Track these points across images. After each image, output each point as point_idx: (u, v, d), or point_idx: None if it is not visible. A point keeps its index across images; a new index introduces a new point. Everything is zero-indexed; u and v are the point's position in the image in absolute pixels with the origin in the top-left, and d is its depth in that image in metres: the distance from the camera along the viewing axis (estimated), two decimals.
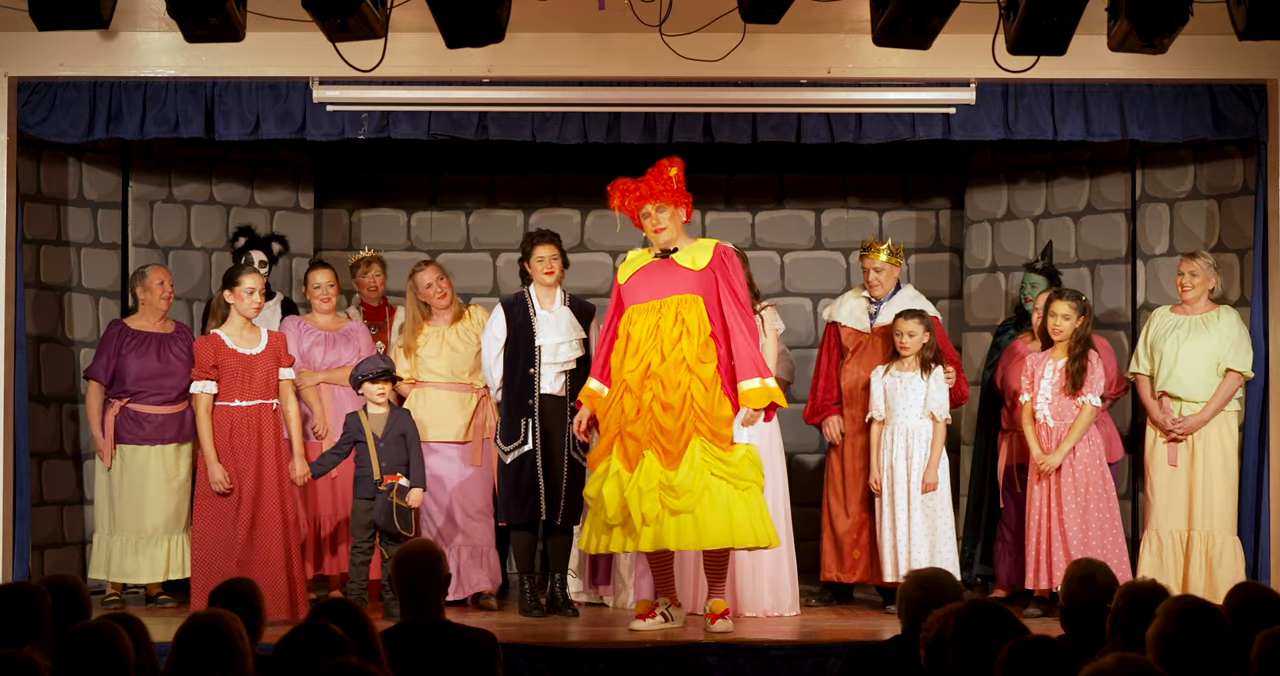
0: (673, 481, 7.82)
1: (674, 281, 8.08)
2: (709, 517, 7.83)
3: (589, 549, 8.13)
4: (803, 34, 8.52)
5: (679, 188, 8.15)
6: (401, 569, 5.34)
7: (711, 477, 7.86)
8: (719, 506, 7.84)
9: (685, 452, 7.87)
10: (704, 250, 8.15)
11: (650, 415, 7.91)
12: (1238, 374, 8.86)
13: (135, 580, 9.04)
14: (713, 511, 7.83)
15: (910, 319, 8.84)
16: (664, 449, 7.89)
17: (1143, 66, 8.38)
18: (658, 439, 7.90)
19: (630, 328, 8.08)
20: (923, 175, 11.00)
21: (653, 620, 8.08)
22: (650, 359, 7.97)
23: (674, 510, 7.82)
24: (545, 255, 8.73)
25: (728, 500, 7.87)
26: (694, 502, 7.82)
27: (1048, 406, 8.66)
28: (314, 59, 8.10)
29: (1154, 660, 4.13)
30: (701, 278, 8.07)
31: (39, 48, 8.47)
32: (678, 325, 8.00)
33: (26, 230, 9.08)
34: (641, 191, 8.14)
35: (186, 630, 4.35)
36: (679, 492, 7.81)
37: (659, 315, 8.04)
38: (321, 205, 10.89)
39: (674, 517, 7.83)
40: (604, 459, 8.03)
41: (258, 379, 8.38)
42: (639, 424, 7.92)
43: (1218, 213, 9.54)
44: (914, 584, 5.16)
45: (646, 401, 7.93)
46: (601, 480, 7.99)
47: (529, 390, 8.64)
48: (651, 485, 7.83)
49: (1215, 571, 8.75)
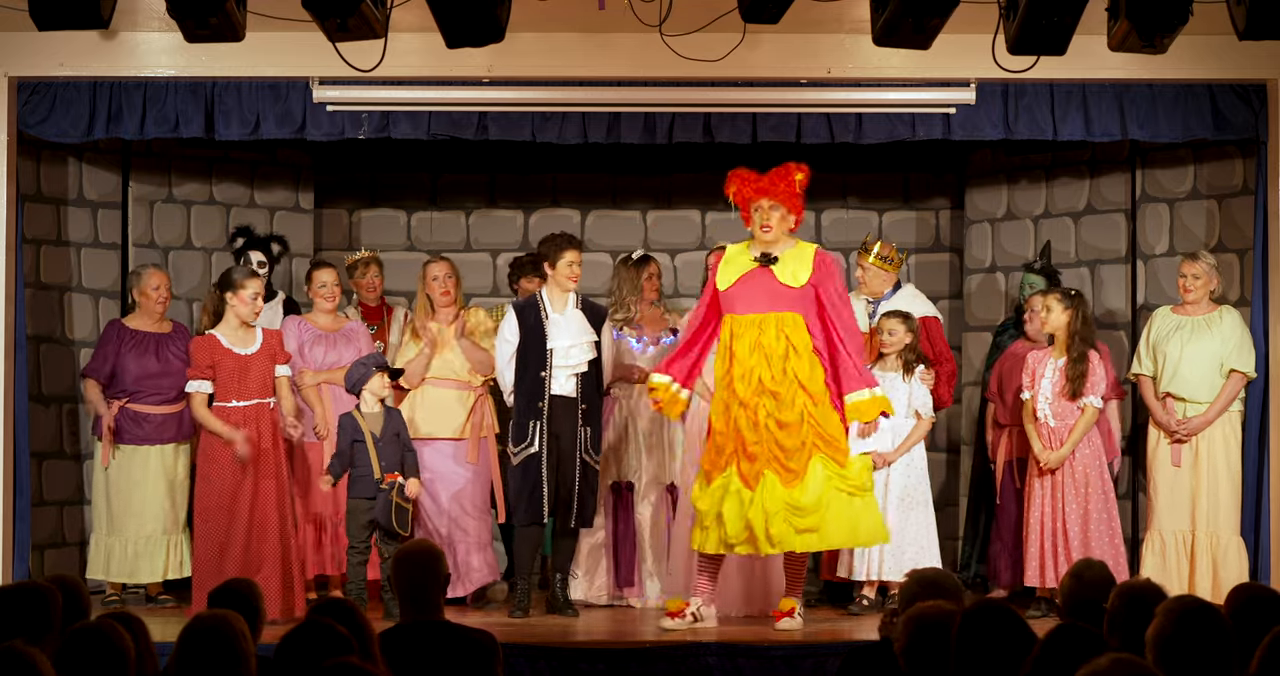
0: (799, 501, 7.89)
1: (775, 297, 8.07)
2: (833, 527, 7.95)
3: (704, 549, 8.11)
4: (803, 34, 8.52)
5: (798, 193, 8.12)
6: (401, 568, 5.35)
7: (834, 491, 7.94)
8: (842, 516, 7.95)
9: (807, 471, 7.92)
10: (804, 261, 8.12)
11: (768, 433, 7.95)
12: (1241, 374, 8.86)
13: (133, 580, 9.04)
14: (835, 521, 7.94)
15: (892, 319, 8.91)
16: (784, 467, 7.93)
17: (1143, 66, 8.38)
18: (777, 457, 7.94)
19: (735, 341, 8.06)
20: (923, 175, 11.00)
21: (681, 619, 8.11)
22: (761, 374, 7.99)
23: (800, 529, 7.92)
24: (574, 260, 8.73)
25: (848, 507, 7.96)
26: (818, 521, 7.91)
27: (1048, 406, 8.67)
28: (314, 59, 8.10)
29: (1153, 660, 4.13)
30: (802, 295, 8.07)
31: (39, 48, 8.47)
32: (782, 341, 8.01)
33: (26, 230, 9.07)
34: (762, 185, 8.12)
35: (190, 631, 4.35)
36: (805, 512, 7.89)
37: (760, 330, 8.05)
38: (321, 205, 10.88)
39: (799, 535, 7.94)
40: (722, 473, 8.03)
41: (254, 379, 8.39)
42: (758, 443, 7.95)
43: (1218, 213, 9.54)
44: (915, 583, 5.16)
45: (762, 418, 7.96)
46: (721, 495, 8.00)
47: (539, 392, 8.64)
48: (778, 507, 7.88)
49: (1220, 572, 8.75)
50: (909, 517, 8.83)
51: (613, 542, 9.04)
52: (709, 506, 8.02)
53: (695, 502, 8.12)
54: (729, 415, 8.02)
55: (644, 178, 10.97)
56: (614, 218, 11.04)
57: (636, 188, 11.03)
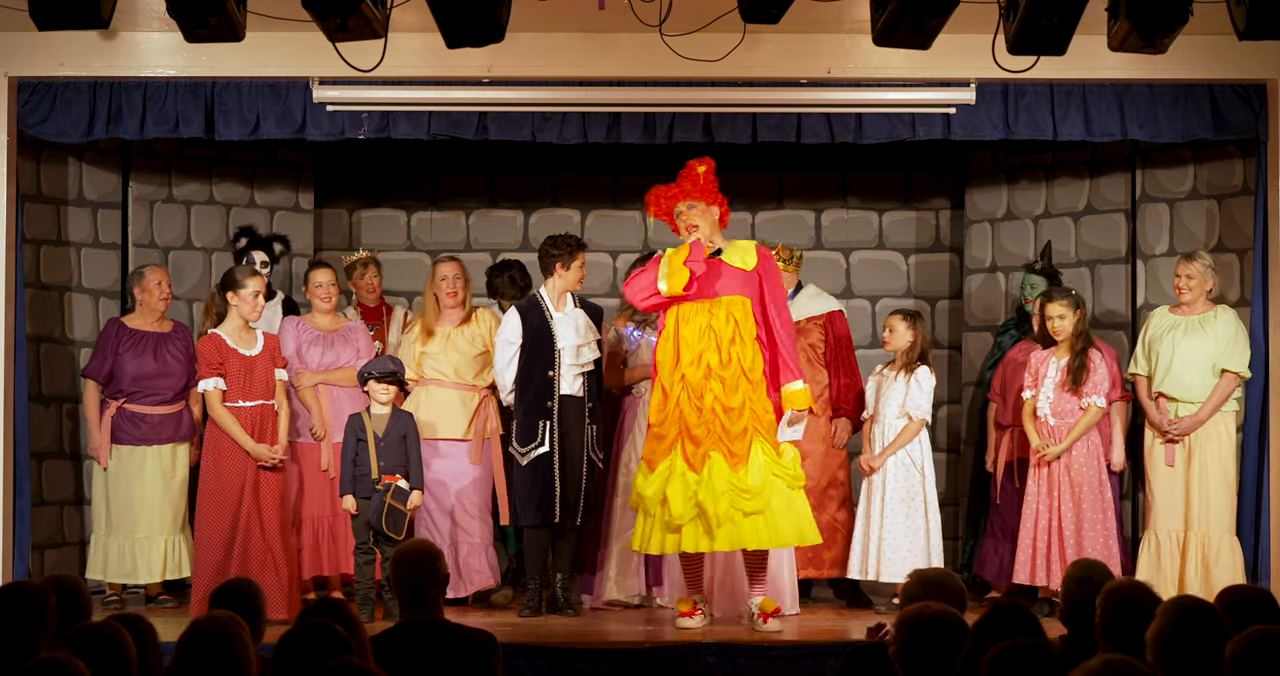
0: (744, 483, 7.97)
1: (725, 281, 8.16)
2: (780, 518, 8.00)
3: (646, 549, 8.18)
4: (803, 34, 8.52)
5: (707, 184, 8.18)
6: (400, 568, 5.35)
7: (773, 477, 8.01)
8: (785, 506, 8.02)
9: (750, 455, 8.00)
10: (749, 251, 8.24)
11: (714, 417, 8.03)
12: (1234, 374, 8.86)
13: (132, 580, 9.04)
14: (782, 512, 8.00)
15: (894, 317, 9.02)
16: (730, 450, 8.02)
17: (1143, 66, 8.38)
18: (722, 440, 8.02)
19: (682, 325, 8.12)
20: (923, 175, 11.00)
21: (700, 617, 8.19)
22: (709, 360, 8.07)
23: (746, 511, 7.99)
24: (584, 261, 8.78)
25: (789, 500, 8.04)
26: (764, 504, 7.98)
27: (1049, 404, 8.69)
28: (314, 59, 8.10)
29: (1153, 660, 4.13)
30: (749, 279, 8.18)
31: (39, 48, 8.47)
32: (730, 325, 8.09)
33: (26, 230, 9.08)
34: (672, 191, 8.25)
35: (190, 634, 4.34)
36: (751, 494, 7.97)
37: (710, 315, 8.12)
38: (321, 205, 10.88)
39: (747, 519, 7.98)
40: (665, 458, 8.10)
41: (258, 379, 8.40)
42: (701, 426, 8.02)
43: (1218, 213, 9.54)
44: (918, 583, 5.16)
45: (709, 403, 8.04)
46: (664, 479, 8.05)
47: (548, 392, 8.64)
48: (725, 487, 7.97)
49: (1211, 571, 8.75)
50: (911, 517, 8.81)
51: None
52: (654, 492, 8.07)
53: (640, 490, 8.16)
54: (668, 403, 8.11)
55: (644, 178, 10.95)
56: (614, 218, 11.04)
57: (636, 188, 10.97)
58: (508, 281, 9.68)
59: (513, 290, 9.60)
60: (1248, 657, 3.96)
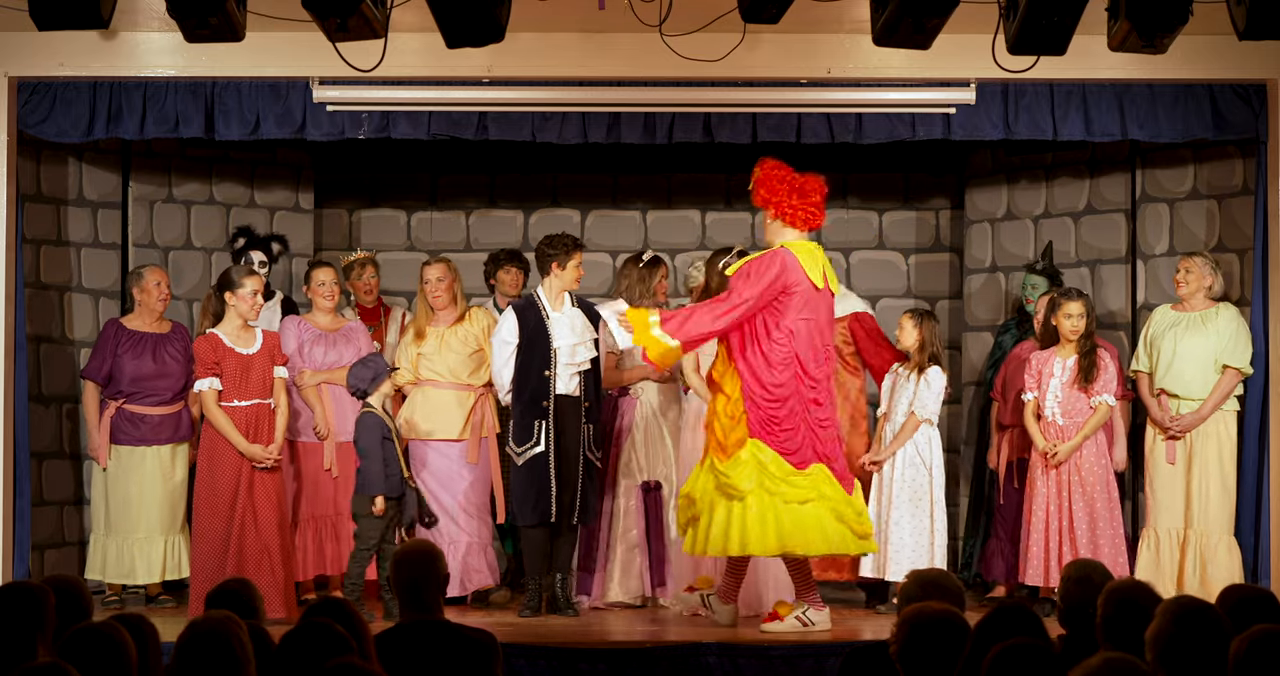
0: (684, 489, 8.24)
1: None
2: (714, 529, 8.01)
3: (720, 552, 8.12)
4: (803, 34, 8.52)
5: (763, 190, 8.10)
6: (400, 568, 5.34)
7: (713, 489, 8.05)
8: (723, 517, 8.00)
9: (704, 462, 8.13)
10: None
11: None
12: (1235, 371, 8.86)
13: (131, 581, 9.04)
14: (718, 522, 8.01)
15: (903, 315, 8.97)
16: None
17: (1143, 66, 8.38)
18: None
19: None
20: (923, 175, 11.00)
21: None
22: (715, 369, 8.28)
23: (682, 520, 8.28)
24: (581, 261, 8.78)
25: (728, 509, 8.00)
26: (701, 511, 8.13)
27: (1057, 404, 8.68)
28: (314, 59, 8.10)
29: (1153, 660, 4.13)
30: None
31: (39, 48, 8.47)
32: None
33: (26, 230, 9.08)
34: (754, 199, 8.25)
35: (190, 634, 4.34)
36: (689, 502, 8.15)
37: None
38: (321, 205, 10.89)
39: (688, 527, 8.21)
40: None
41: (255, 379, 8.40)
42: None
43: (1218, 212, 9.54)
44: (915, 584, 5.16)
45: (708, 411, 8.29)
46: None
47: (544, 392, 8.63)
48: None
49: (1209, 570, 8.75)
50: (918, 517, 8.80)
51: (645, 542, 9.00)
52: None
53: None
54: None
55: (644, 177, 10.98)
56: (614, 218, 11.04)
57: (636, 188, 11.03)
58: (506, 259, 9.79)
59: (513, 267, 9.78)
60: (1252, 657, 3.96)
